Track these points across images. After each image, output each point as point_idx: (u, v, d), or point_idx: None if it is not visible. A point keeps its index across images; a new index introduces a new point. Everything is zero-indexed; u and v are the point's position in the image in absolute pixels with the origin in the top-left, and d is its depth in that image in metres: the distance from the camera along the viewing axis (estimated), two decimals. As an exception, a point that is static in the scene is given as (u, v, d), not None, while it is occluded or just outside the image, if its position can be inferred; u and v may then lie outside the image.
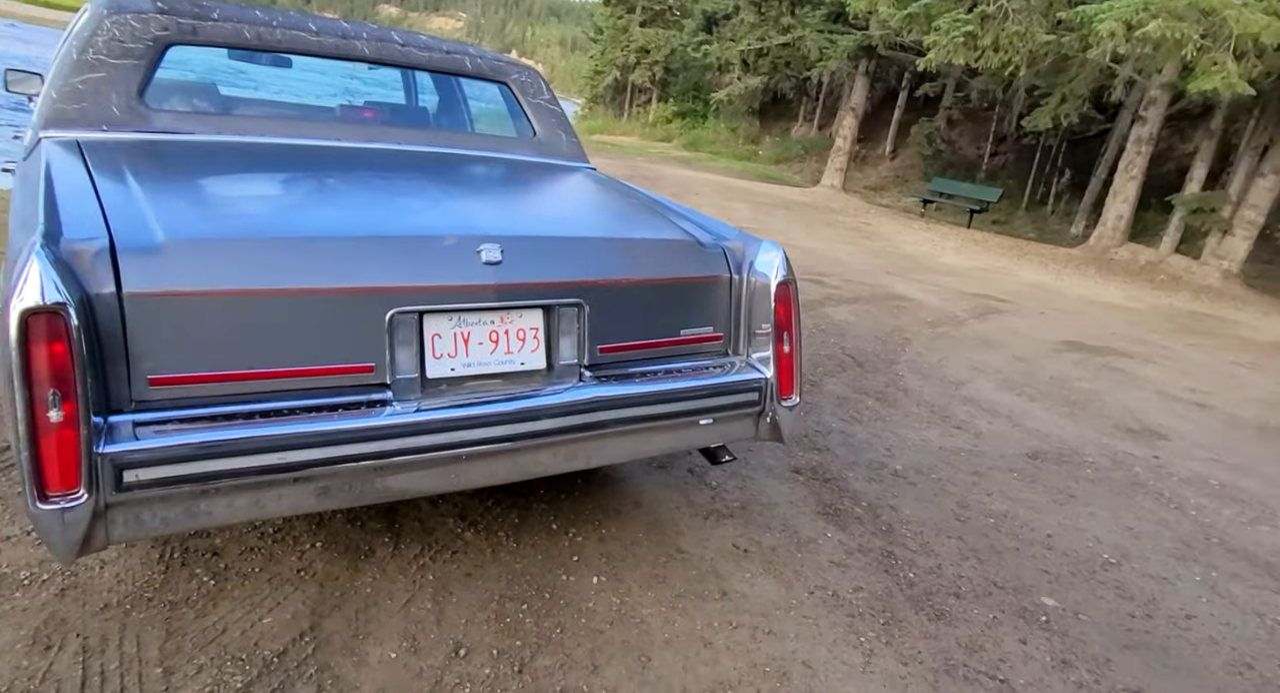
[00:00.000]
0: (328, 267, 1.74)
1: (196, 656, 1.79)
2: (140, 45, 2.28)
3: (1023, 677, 2.04)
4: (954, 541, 2.71)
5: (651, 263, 2.14)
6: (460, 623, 2.00)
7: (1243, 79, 7.59)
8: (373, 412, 1.76)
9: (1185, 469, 3.73)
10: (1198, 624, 2.41)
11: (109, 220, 1.63)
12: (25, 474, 1.43)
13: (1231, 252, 10.03)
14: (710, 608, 2.17)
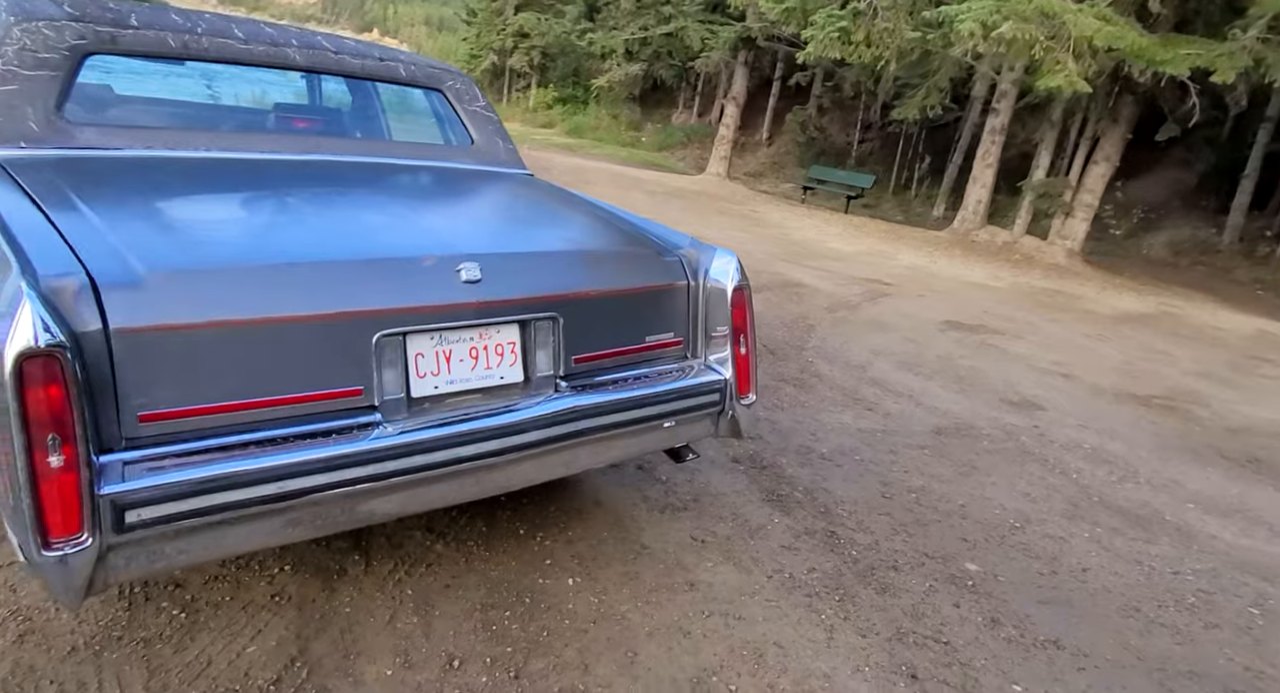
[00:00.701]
0: (313, 292, 1.74)
1: (186, 691, 1.76)
2: (55, 55, 2.14)
3: (962, 638, 2.28)
4: (884, 517, 2.95)
5: (618, 274, 2.23)
6: (448, 635, 2.05)
7: (1081, 77, 8.34)
8: (365, 434, 1.78)
9: (1062, 436, 4.16)
10: (1092, 576, 2.74)
11: (78, 253, 1.56)
12: (26, 522, 1.38)
13: (1073, 232, 11.02)
14: (682, 600, 2.30)
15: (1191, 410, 5.14)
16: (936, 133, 18.63)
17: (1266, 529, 3.34)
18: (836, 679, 2.04)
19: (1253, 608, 2.65)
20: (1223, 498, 3.63)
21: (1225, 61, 8.28)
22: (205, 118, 2.65)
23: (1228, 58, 8.30)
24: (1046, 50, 8.05)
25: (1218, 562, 2.95)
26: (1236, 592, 2.74)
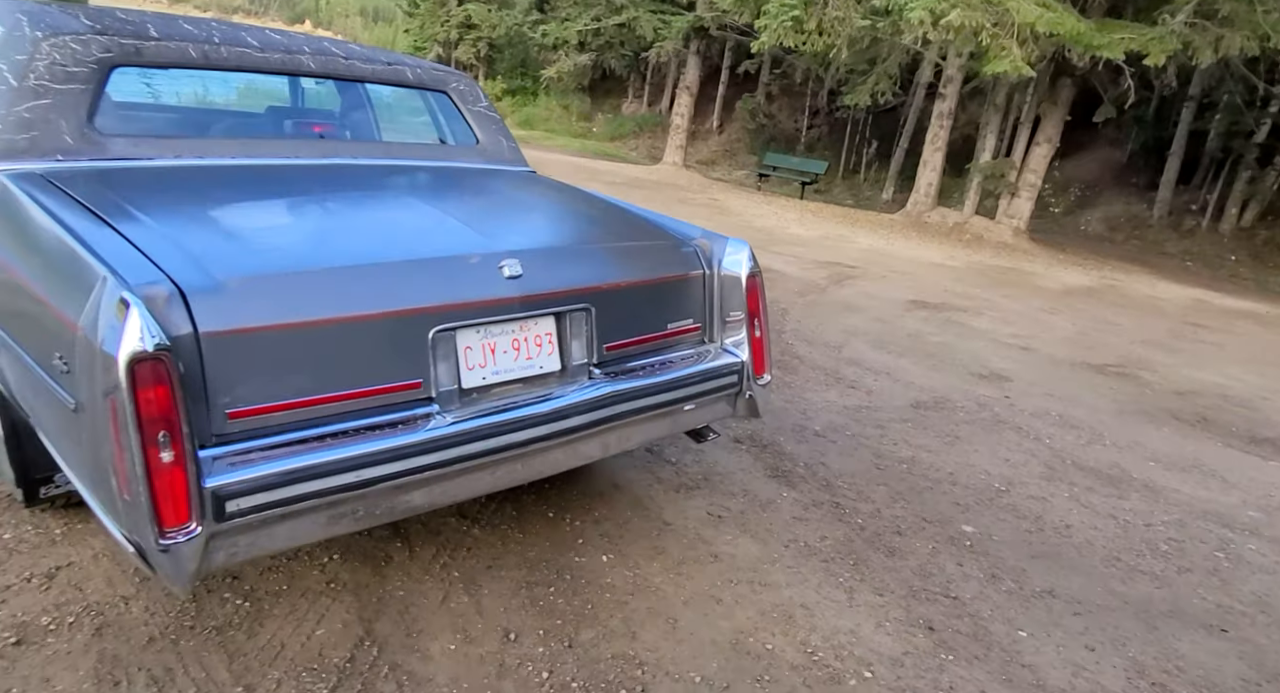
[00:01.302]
0: (375, 292, 1.84)
1: (268, 672, 1.86)
2: (84, 69, 2.19)
3: (968, 592, 2.48)
4: (882, 487, 3.15)
5: (643, 265, 2.36)
6: (500, 611, 2.17)
7: (1025, 62, 8.69)
8: (425, 424, 1.88)
9: (1031, 405, 4.43)
10: (1075, 531, 2.97)
11: (158, 262, 1.64)
12: (143, 514, 1.47)
13: (1019, 211, 11.45)
14: (709, 570, 2.46)
15: (1142, 376, 5.48)
16: (882, 117, 19.03)
17: (1220, 481, 3.63)
18: (862, 634, 2.22)
19: (1218, 552, 2.91)
20: (1179, 455, 3.92)
21: (1156, 45, 8.71)
22: (225, 125, 2.70)
23: (1158, 41, 8.73)
24: (992, 37, 8.36)
25: (1182, 513, 3.22)
26: (1202, 539, 3.01)
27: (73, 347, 1.55)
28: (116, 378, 1.44)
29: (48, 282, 1.67)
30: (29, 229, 1.83)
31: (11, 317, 1.83)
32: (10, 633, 1.88)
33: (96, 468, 1.56)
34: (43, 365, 1.67)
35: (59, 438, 1.77)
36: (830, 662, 2.09)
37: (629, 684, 1.95)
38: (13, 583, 2.04)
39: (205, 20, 2.70)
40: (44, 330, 1.66)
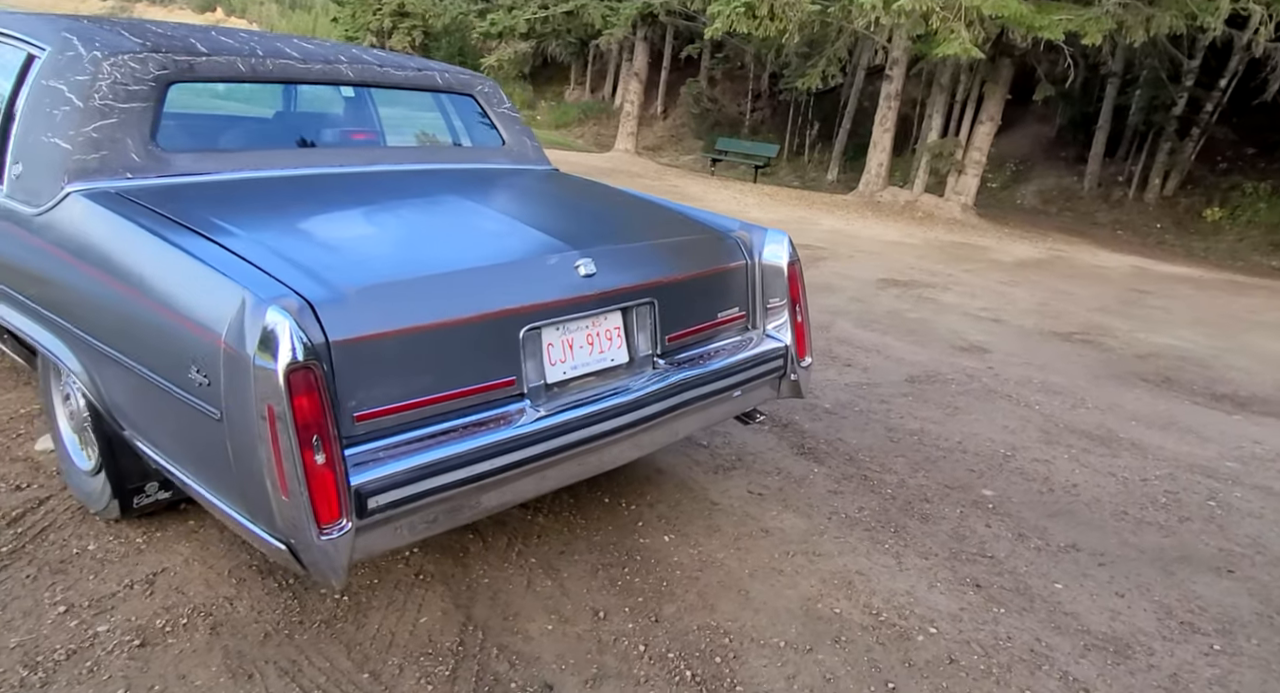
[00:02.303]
0: (472, 296, 1.92)
1: (387, 659, 1.94)
2: (144, 87, 2.20)
3: (1002, 551, 2.68)
4: (900, 458, 3.34)
5: (696, 258, 2.47)
6: (583, 592, 2.28)
7: (973, 44, 9.01)
8: (521, 418, 1.98)
9: (1014, 374, 4.69)
10: (1081, 490, 3.21)
11: (279, 276, 1.70)
12: (302, 513, 1.54)
13: (966, 188, 11.87)
14: (765, 544, 2.60)
15: (1104, 342, 5.81)
16: (823, 99, 19.37)
17: (1196, 437, 3.93)
18: (918, 595, 2.39)
19: (1210, 501, 3.18)
20: (1155, 414, 4.21)
21: (1093, 25, 9.12)
22: (272, 137, 2.71)
23: (1094, 21, 9.13)
24: (941, 20, 8.64)
25: (1171, 467, 3.49)
26: (1194, 490, 3.27)
27: (216, 360, 1.60)
28: (275, 387, 1.51)
29: (175, 299, 1.71)
30: (136, 249, 1.86)
31: (121, 335, 1.85)
32: (131, 636, 1.93)
33: (243, 473, 1.62)
34: (172, 380, 1.71)
35: (184, 448, 1.81)
36: (896, 621, 2.26)
37: (721, 653, 2.08)
38: (116, 591, 2.07)
39: (246, 32, 2.71)
40: (174, 346, 1.70)
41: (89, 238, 1.96)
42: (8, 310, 2.27)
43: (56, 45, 2.28)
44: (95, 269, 1.91)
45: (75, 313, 1.99)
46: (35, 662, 1.82)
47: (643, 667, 2.01)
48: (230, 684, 1.82)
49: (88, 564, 2.17)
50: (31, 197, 2.15)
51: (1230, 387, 5.04)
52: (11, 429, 2.84)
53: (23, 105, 2.27)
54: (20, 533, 2.27)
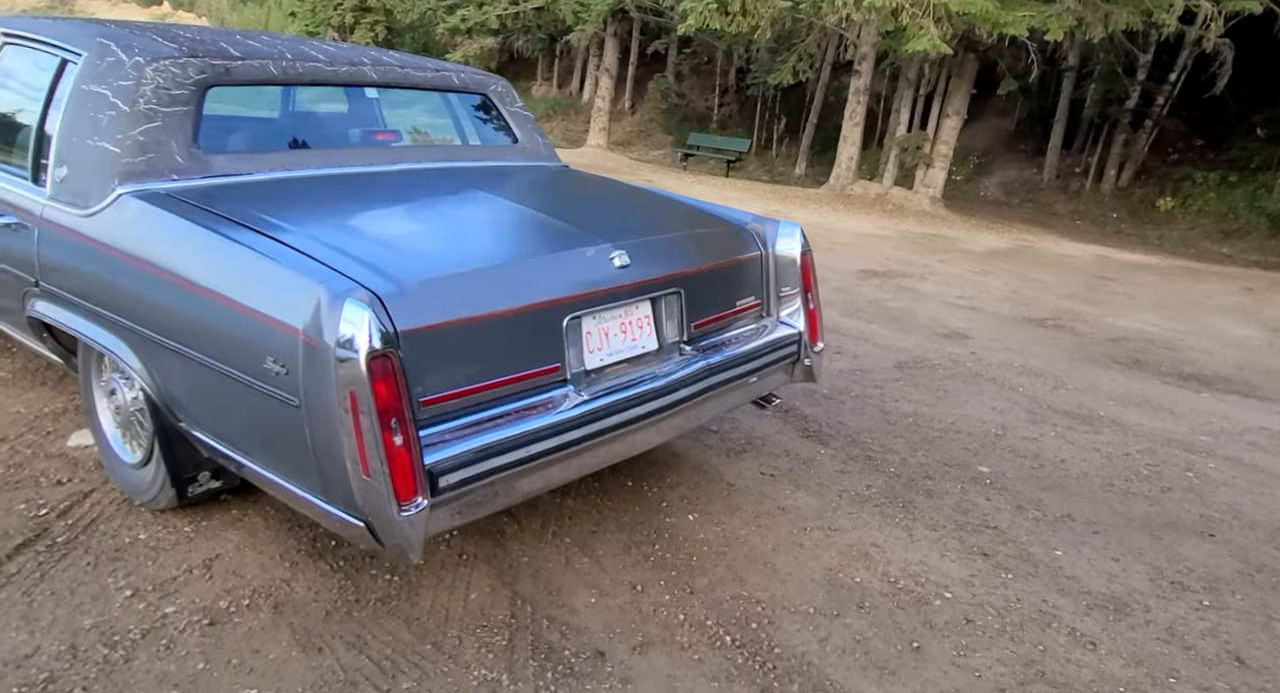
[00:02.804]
0: (522, 287, 2.03)
1: (446, 631, 2.05)
2: (185, 91, 2.27)
3: (1003, 523, 2.85)
4: (899, 439, 3.50)
5: (718, 249, 2.60)
6: (619, 568, 2.39)
7: (942, 40, 9.25)
8: (565, 403, 2.09)
9: (995, 359, 4.89)
10: (1070, 465, 3.40)
11: (344, 270, 1.79)
12: (383, 492, 1.64)
13: (934, 181, 12.16)
14: (783, 521, 2.74)
15: (1076, 327, 6.07)
16: (790, 94, 19.61)
17: (1169, 413, 4.16)
18: (931, 564, 2.54)
19: (1188, 472, 3.39)
20: (1130, 393, 4.44)
21: (1055, 21, 9.41)
22: (301, 137, 2.76)
23: (1056, 18, 9.43)
24: (911, 17, 8.86)
25: (1149, 442, 3.70)
26: (1172, 462, 3.48)
27: (294, 351, 1.68)
28: (357, 374, 1.61)
29: (247, 294, 1.78)
30: (199, 247, 1.93)
31: (187, 330, 1.92)
32: (199, 616, 2.01)
33: (322, 456, 1.70)
34: (245, 371, 1.79)
35: (253, 436, 1.89)
36: (912, 587, 2.41)
37: (756, 619, 2.21)
38: (176, 575, 2.15)
39: (257, 33, 2.78)
40: (247, 339, 1.78)
41: (147, 237, 2.03)
42: (54, 309, 2.32)
43: (93, 51, 2.33)
44: (156, 267, 1.98)
45: (134, 310, 2.05)
46: (114, 641, 1.90)
47: (684, 634, 2.14)
48: (302, 657, 1.91)
49: (143, 552, 2.24)
50: (79, 198, 2.20)
51: (1195, 367, 5.31)
52: (40, 427, 2.87)
53: (63, 110, 2.32)
54: (71, 524, 2.33)
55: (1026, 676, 2.05)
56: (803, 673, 2.01)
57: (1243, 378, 5.20)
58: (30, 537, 2.26)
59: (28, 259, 2.35)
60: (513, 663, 1.97)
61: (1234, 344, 6.11)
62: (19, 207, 2.39)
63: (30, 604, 2.00)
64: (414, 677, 1.90)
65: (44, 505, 2.40)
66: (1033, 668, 2.08)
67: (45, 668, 1.81)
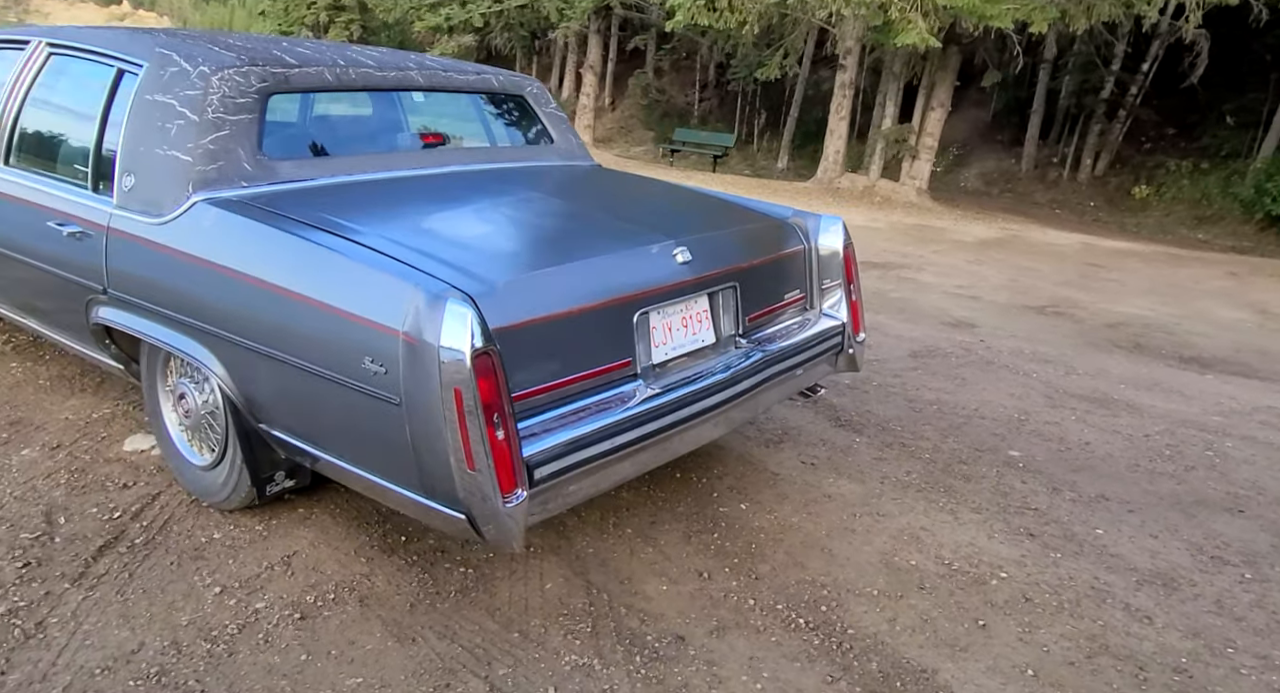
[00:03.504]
0: (597, 284, 2.08)
1: (529, 620, 2.11)
2: (249, 99, 2.29)
3: (1042, 504, 2.94)
4: (927, 426, 3.59)
5: (767, 244, 2.66)
6: (683, 556, 2.45)
7: (930, 34, 9.38)
8: (638, 396, 2.14)
9: (1004, 346, 5.00)
10: (1095, 446, 3.50)
11: (435, 273, 1.83)
12: (488, 484, 1.69)
13: (920, 172, 12.32)
14: (831, 508, 2.81)
15: (1075, 313, 6.21)
16: (770, 89, 19.72)
17: (1180, 395, 4.29)
18: (980, 545, 2.63)
19: (1208, 451, 3.51)
20: (1138, 377, 4.57)
21: (1039, 14, 9.57)
22: (354, 142, 2.79)
23: (1040, 11, 9.59)
24: (900, 11, 8.97)
25: (1166, 423, 3.82)
26: (1191, 442, 3.60)
27: (394, 351, 1.72)
28: (462, 372, 1.65)
29: (340, 297, 1.82)
30: (285, 251, 1.96)
31: (276, 333, 1.94)
32: (289, 610, 2.06)
33: (423, 452, 1.74)
34: (341, 372, 1.82)
35: (346, 434, 1.92)
36: (968, 568, 2.49)
37: (824, 602, 2.28)
38: (259, 572, 2.18)
39: (302, 41, 2.79)
40: (343, 341, 1.81)
41: (228, 243, 2.05)
42: (124, 315, 2.33)
43: (154, 61, 2.34)
44: (240, 273, 2.00)
45: (216, 314, 2.07)
46: (212, 636, 1.94)
47: (757, 618, 2.20)
48: (398, 647, 1.95)
49: (221, 551, 2.26)
50: (150, 206, 2.22)
51: (1194, 350, 5.46)
52: (93, 433, 2.87)
53: (126, 120, 2.33)
54: (146, 526, 2.35)
55: (1091, 649, 2.14)
56: (879, 652, 2.09)
57: (1241, 359, 5.36)
58: (109, 539, 2.27)
59: (94, 267, 2.36)
60: (600, 648, 2.02)
61: (1227, 327, 6.28)
62: (82, 216, 2.40)
63: (125, 603, 2.03)
64: (508, 663, 1.95)
65: (116, 509, 2.42)
66: (1096, 642, 2.17)
67: (154, 663, 1.84)
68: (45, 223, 2.48)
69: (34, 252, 2.59)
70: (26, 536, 2.27)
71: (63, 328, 2.71)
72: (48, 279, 2.57)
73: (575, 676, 1.93)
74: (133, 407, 3.10)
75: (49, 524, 2.32)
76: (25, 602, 2.01)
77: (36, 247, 2.57)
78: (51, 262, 2.52)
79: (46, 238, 2.50)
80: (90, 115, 2.47)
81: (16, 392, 3.19)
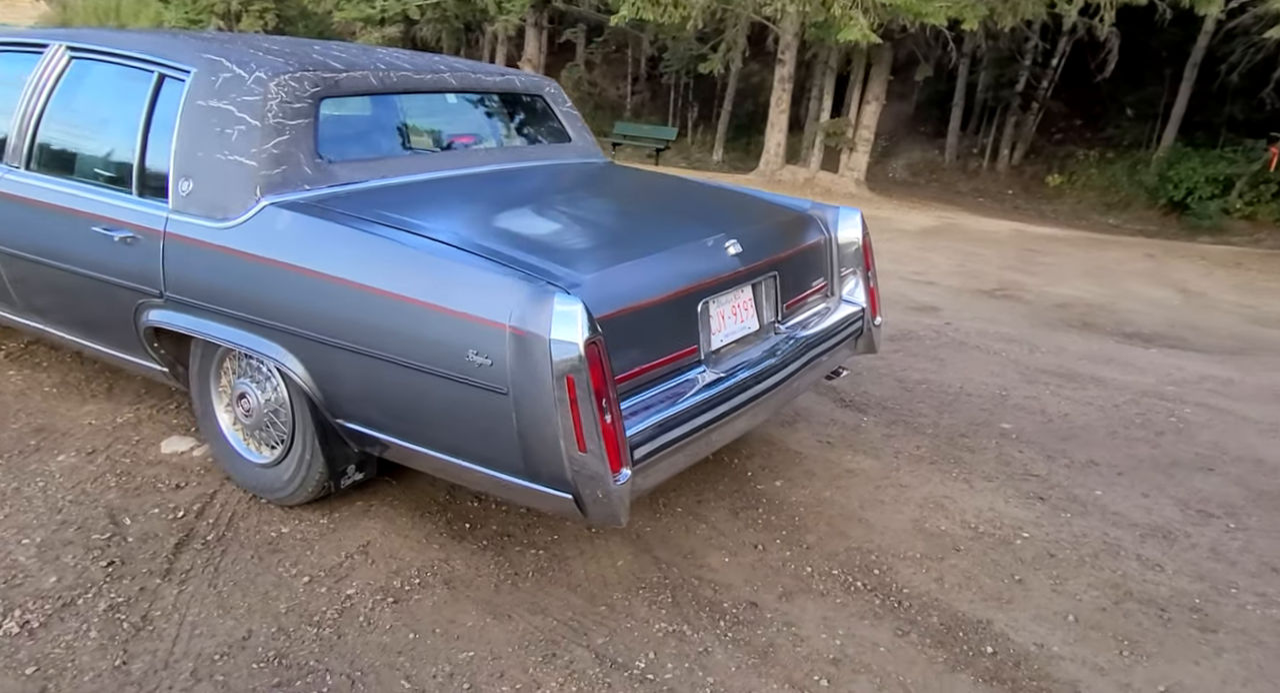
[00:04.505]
0: (667, 275, 2.20)
1: (611, 594, 2.23)
2: (304, 104, 2.32)
3: (1043, 471, 3.19)
4: (922, 404, 3.82)
5: (797, 236, 2.82)
6: (735, 532, 2.60)
7: (870, 31, 9.73)
8: (706, 381, 2.28)
9: (970, 328, 5.30)
10: (1074, 417, 3.79)
11: (529, 267, 1.92)
12: (600, 465, 1.80)
13: (858, 164, 12.75)
14: (855, 482, 2.99)
15: (1023, 296, 6.60)
16: (702, 82, 19.98)
17: (1134, 368, 4.64)
18: (999, 509, 2.85)
19: (1171, 418, 3.84)
20: (1094, 353, 4.92)
21: (970, 12, 10.03)
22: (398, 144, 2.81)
23: (971, 8, 10.05)
24: (843, 8, 9.28)
25: (1129, 394, 4.15)
26: (1155, 410, 3.93)
27: (501, 343, 1.80)
28: (575, 360, 1.75)
29: (439, 294, 1.88)
30: (371, 252, 2.00)
31: (367, 331, 1.99)
32: (381, 595, 2.13)
33: (531, 437, 1.83)
34: (443, 365, 1.89)
35: (443, 425, 1.98)
36: (992, 531, 2.71)
37: (875, 567, 2.46)
38: (340, 562, 2.24)
39: (333, 44, 2.82)
40: (444, 335, 1.88)
41: (307, 245, 2.09)
42: (184, 317, 2.32)
43: (202, 67, 2.34)
44: (323, 273, 2.03)
45: (293, 314, 2.10)
46: (315, 621, 2.00)
47: (817, 583, 2.36)
48: (496, 624, 2.05)
49: (295, 544, 2.30)
50: (214, 210, 2.22)
51: (1134, 327, 5.88)
52: (124, 437, 2.83)
53: (179, 125, 2.31)
54: (214, 523, 2.36)
55: (1117, 596, 2.37)
56: (935, 608, 2.27)
57: (1176, 334, 5.81)
58: (182, 537, 2.28)
59: (147, 271, 2.35)
60: (686, 615, 2.15)
61: (1157, 304, 6.77)
62: (133, 221, 2.37)
63: (220, 595, 2.06)
64: (604, 633, 2.06)
65: (176, 508, 2.42)
66: (1120, 589, 2.40)
67: (269, 647, 1.90)
68: (90, 229, 2.44)
69: (71, 257, 2.54)
70: (98, 536, 2.26)
71: (96, 332, 2.67)
72: (86, 284, 2.53)
73: (669, 641, 2.06)
74: (157, 410, 3.06)
75: (116, 525, 2.31)
76: (123, 598, 2.03)
77: (75, 252, 2.53)
78: (93, 267, 2.49)
79: (89, 243, 2.46)
80: (130, 120, 2.44)
81: (25, 399, 3.11)
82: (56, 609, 1.97)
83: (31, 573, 2.09)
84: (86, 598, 2.01)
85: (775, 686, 1.93)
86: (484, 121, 3.12)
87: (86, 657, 1.83)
